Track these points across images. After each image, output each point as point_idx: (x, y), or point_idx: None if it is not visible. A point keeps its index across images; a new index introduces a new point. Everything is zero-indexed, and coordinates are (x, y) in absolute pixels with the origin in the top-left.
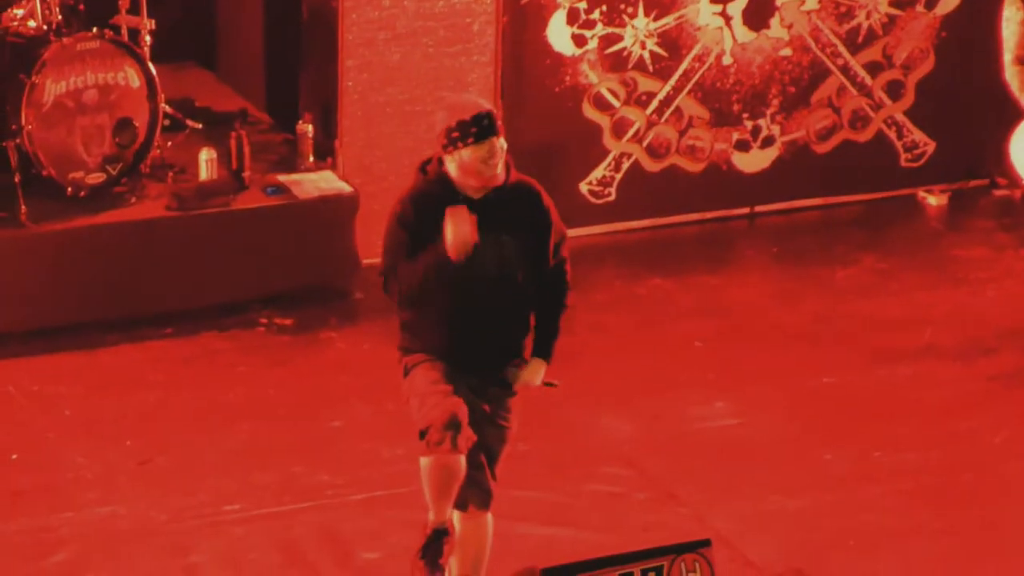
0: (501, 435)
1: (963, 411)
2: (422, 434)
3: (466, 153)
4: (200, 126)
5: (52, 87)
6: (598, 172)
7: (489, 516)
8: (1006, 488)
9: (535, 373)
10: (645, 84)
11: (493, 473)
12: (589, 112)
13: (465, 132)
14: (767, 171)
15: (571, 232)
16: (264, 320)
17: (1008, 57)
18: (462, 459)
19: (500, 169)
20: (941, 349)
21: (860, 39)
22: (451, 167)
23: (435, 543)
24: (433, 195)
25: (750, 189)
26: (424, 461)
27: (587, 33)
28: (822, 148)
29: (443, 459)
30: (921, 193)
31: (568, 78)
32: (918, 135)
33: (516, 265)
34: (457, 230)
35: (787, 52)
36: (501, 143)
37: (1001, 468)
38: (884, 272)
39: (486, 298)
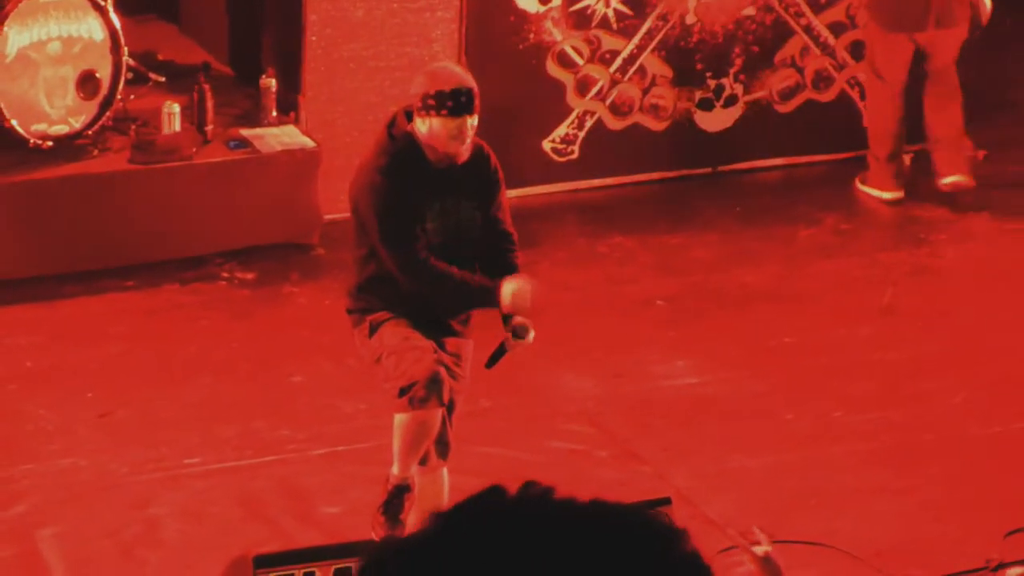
0: (460, 386)
1: (923, 371)
2: (403, 391)
3: (436, 123)
4: (163, 79)
5: (16, 38)
6: (561, 130)
7: (445, 469)
8: (966, 448)
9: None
10: (609, 42)
11: (451, 423)
12: (553, 70)
13: (441, 103)
14: (730, 130)
15: (533, 189)
16: (226, 274)
17: None
18: (440, 414)
19: (467, 145)
20: (902, 309)
21: None
22: (421, 129)
23: (397, 498)
24: (402, 159)
25: (713, 148)
26: (402, 417)
27: None
28: (785, 108)
29: (425, 415)
30: None
31: (532, 35)
32: None
33: (474, 227)
34: (522, 300)
35: (750, 11)
36: (472, 122)
37: (961, 428)
38: (846, 232)
39: (446, 258)
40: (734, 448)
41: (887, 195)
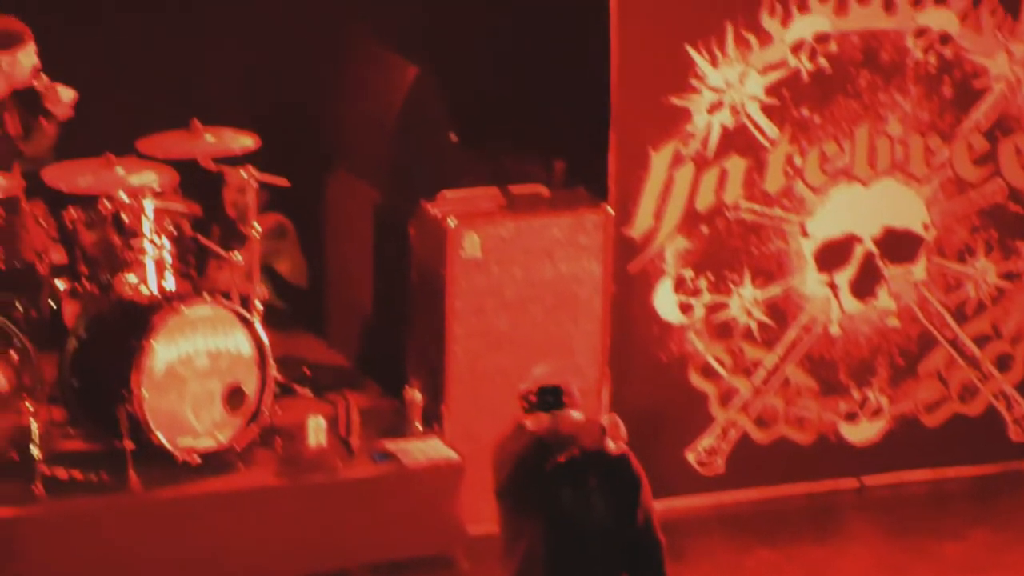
0: None
1: None
2: None
3: (530, 420)
4: (309, 392)
5: (163, 352)
6: (705, 441)
7: None
8: None
9: None
10: (752, 353)
11: None
12: (696, 380)
13: (528, 401)
14: (876, 443)
15: (676, 501)
16: None
17: None
18: None
19: (566, 441)
20: None
21: (968, 310)
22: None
23: None
24: (527, 457)
25: (859, 461)
26: None
27: (693, 301)
28: (931, 420)
29: None
30: None
31: (675, 346)
32: None
33: (607, 532)
34: None
35: (895, 323)
36: (559, 416)
37: None
38: (995, 547)
39: (579, 558)
40: None
41: None
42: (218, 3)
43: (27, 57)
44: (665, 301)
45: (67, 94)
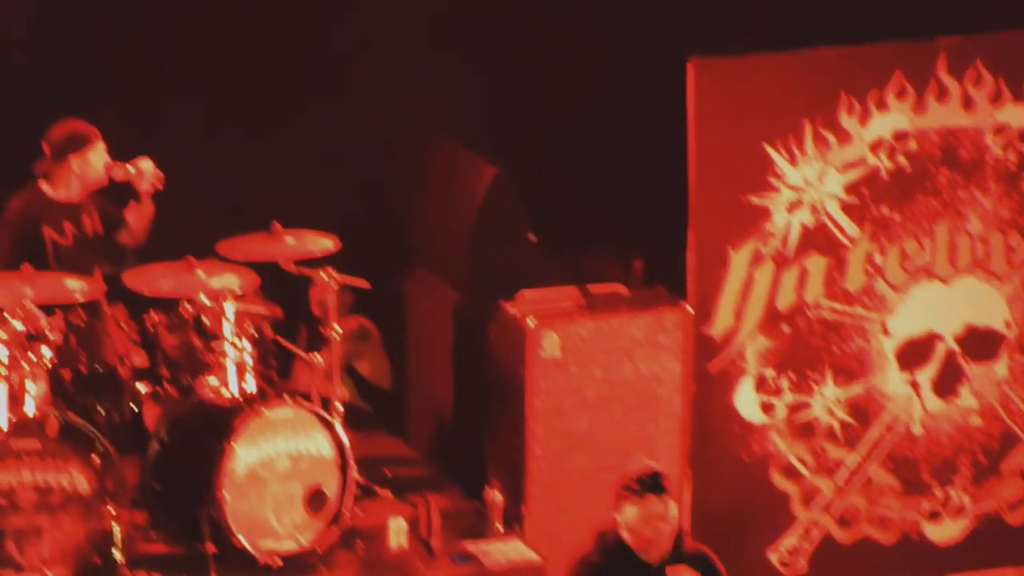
0: None
1: None
2: None
3: (630, 510)
4: (390, 494)
5: (245, 455)
6: (788, 541)
7: None
8: None
9: None
10: (834, 452)
11: None
12: (778, 480)
13: (630, 487)
14: (959, 542)
15: None
16: None
17: None
18: None
19: (664, 531)
20: None
21: None
22: (622, 529)
23: None
24: (605, 565)
25: (942, 560)
26: None
27: (775, 400)
28: (1014, 519)
29: None
30: None
31: (756, 446)
32: None
33: None
34: None
35: (977, 421)
36: (661, 506)
37: None
38: None
39: None
40: None
41: None
42: (296, 106)
43: (97, 157)
44: (746, 400)
45: (146, 165)
